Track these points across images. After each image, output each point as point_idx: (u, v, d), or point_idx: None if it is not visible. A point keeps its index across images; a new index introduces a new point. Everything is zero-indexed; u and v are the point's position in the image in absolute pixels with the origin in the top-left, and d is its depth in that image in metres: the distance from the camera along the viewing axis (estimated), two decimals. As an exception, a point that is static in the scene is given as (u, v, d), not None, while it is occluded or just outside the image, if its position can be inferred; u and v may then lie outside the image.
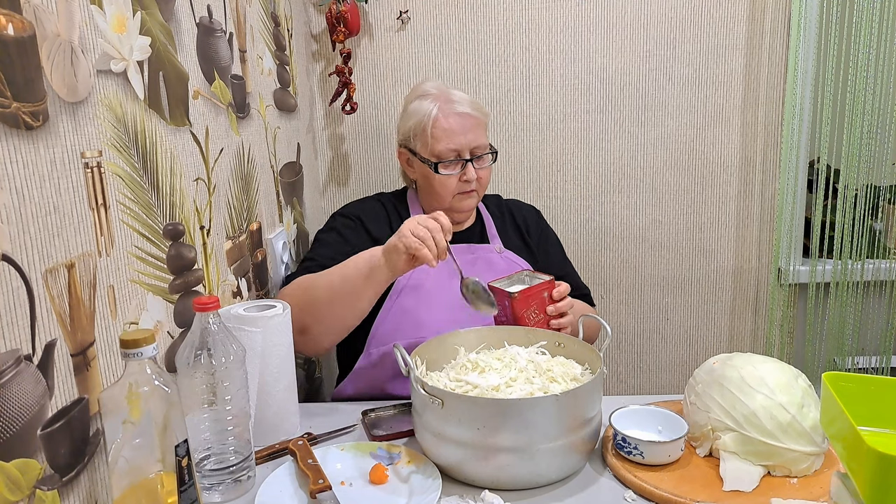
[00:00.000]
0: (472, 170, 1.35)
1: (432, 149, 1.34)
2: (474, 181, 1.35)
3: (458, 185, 1.36)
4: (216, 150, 1.14)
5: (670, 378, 2.02)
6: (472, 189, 1.37)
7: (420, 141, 1.36)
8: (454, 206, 1.38)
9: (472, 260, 1.39)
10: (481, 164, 1.37)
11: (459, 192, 1.36)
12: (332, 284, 1.18)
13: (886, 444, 0.75)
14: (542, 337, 1.11)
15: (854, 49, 1.77)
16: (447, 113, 1.34)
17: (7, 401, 0.62)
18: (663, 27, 1.82)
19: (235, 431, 0.91)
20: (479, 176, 1.36)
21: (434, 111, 1.34)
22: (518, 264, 1.41)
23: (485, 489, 0.89)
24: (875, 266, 1.91)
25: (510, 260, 1.42)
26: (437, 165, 1.34)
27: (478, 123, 1.36)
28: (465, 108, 1.34)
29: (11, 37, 0.64)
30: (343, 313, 1.19)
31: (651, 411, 1.01)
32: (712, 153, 1.89)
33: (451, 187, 1.36)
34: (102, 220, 0.79)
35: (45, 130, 0.69)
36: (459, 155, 1.35)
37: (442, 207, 1.38)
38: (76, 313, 0.73)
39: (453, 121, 1.33)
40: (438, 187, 1.37)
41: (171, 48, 0.99)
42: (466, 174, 1.35)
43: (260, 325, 1.02)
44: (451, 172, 1.35)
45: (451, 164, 1.35)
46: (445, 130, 1.33)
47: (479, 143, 1.36)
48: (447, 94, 1.37)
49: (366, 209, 1.44)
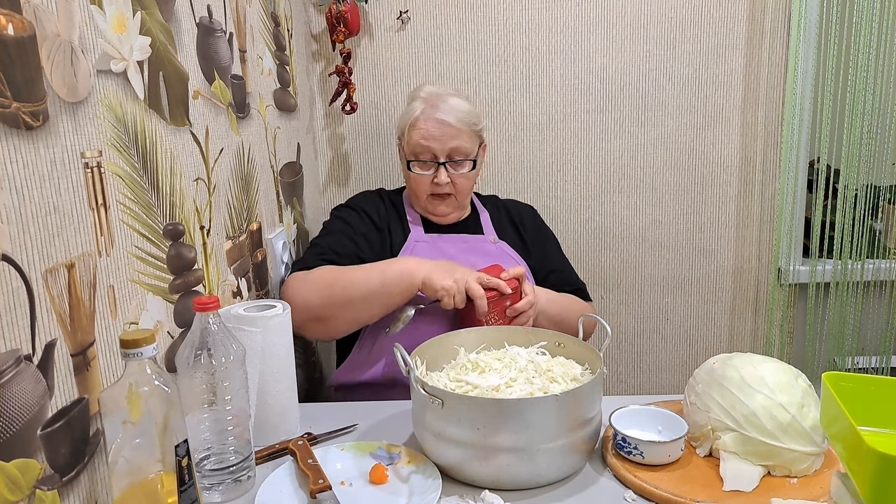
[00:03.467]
0: (443, 173, 1.40)
1: (409, 147, 1.42)
2: (446, 184, 1.40)
3: (431, 187, 1.42)
4: (216, 150, 1.14)
5: (670, 378, 2.02)
6: (446, 192, 1.42)
7: (406, 140, 1.43)
8: (428, 208, 1.45)
9: (466, 248, 1.44)
10: (456, 169, 1.41)
11: (432, 193, 1.43)
12: (361, 286, 1.24)
13: (886, 444, 0.75)
14: (543, 337, 1.11)
15: (854, 49, 1.77)
16: (428, 116, 1.39)
17: (7, 401, 0.62)
18: (663, 27, 1.82)
19: (235, 431, 0.91)
20: (454, 181, 1.41)
21: (417, 113, 1.41)
22: (511, 255, 1.46)
23: (485, 489, 0.89)
24: (875, 266, 1.91)
25: (503, 251, 1.46)
26: (410, 163, 1.42)
27: (458, 132, 1.40)
28: (447, 116, 1.39)
29: (11, 37, 0.64)
30: (369, 314, 1.27)
31: (651, 411, 1.01)
32: (712, 153, 1.89)
33: (423, 186, 1.42)
34: (102, 220, 0.79)
35: (45, 130, 0.69)
36: (434, 157, 1.40)
37: (419, 206, 1.47)
38: (76, 313, 0.73)
39: (432, 125, 1.39)
40: (413, 185, 1.44)
41: (171, 48, 0.99)
42: (438, 177, 1.40)
43: (260, 325, 1.02)
44: (423, 172, 1.41)
45: (425, 164, 1.41)
46: (421, 132, 1.39)
47: (456, 148, 1.40)
48: (437, 98, 1.42)
49: (367, 199, 1.51)
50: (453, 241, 1.45)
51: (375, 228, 1.44)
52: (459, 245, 1.45)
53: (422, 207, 1.46)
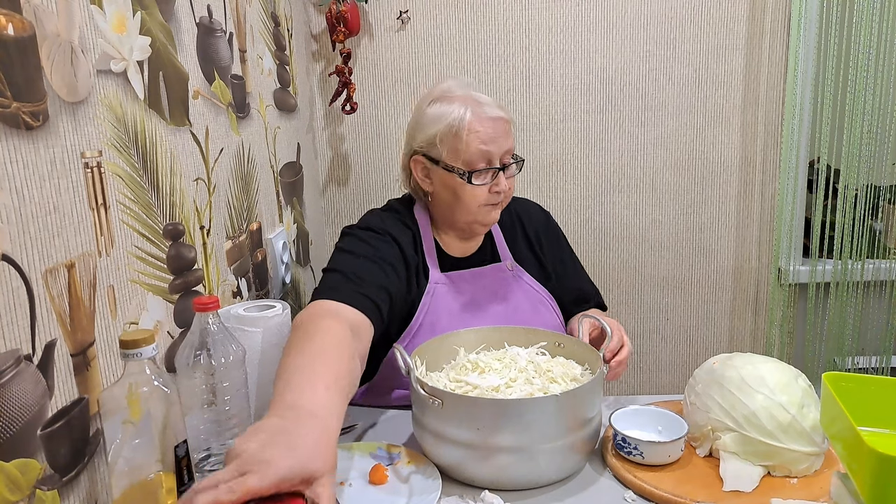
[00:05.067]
0: (503, 180, 1.22)
1: (466, 156, 1.20)
2: (504, 192, 1.24)
3: (487, 197, 1.23)
4: (216, 150, 1.14)
5: (670, 378, 2.02)
6: (500, 200, 1.25)
7: (448, 148, 1.21)
8: (479, 219, 1.25)
9: (485, 286, 1.30)
10: (510, 173, 1.25)
11: (486, 203, 1.23)
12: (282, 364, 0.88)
13: (886, 444, 0.75)
14: (542, 337, 1.11)
15: (854, 49, 1.77)
16: (481, 117, 1.20)
17: (7, 401, 0.62)
18: (663, 27, 1.82)
19: (235, 431, 0.90)
20: (509, 185, 1.25)
21: (467, 115, 1.20)
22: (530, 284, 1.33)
23: (485, 489, 0.89)
24: (875, 266, 1.91)
25: (520, 279, 1.33)
26: (472, 175, 1.20)
27: (508, 127, 1.24)
28: (495, 111, 1.22)
29: (11, 37, 0.64)
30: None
31: (651, 411, 1.01)
32: (712, 153, 1.89)
33: (481, 198, 1.22)
34: (102, 220, 0.79)
35: (45, 130, 0.69)
36: (490, 163, 1.21)
37: (464, 220, 1.26)
38: (76, 313, 0.73)
39: (488, 125, 1.20)
40: (468, 199, 1.22)
41: (171, 48, 0.99)
42: (498, 184, 1.22)
43: (260, 325, 1.02)
44: (484, 182, 1.21)
45: (483, 173, 1.21)
46: (480, 135, 1.19)
47: (510, 148, 1.24)
48: (474, 96, 1.23)
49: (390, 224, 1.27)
50: (471, 280, 1.29)
51: (404, 263, 1.22)
52: (478, 282, 1.29)
53: (470, 221, 1.25)
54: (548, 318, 1.31)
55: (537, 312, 1.31)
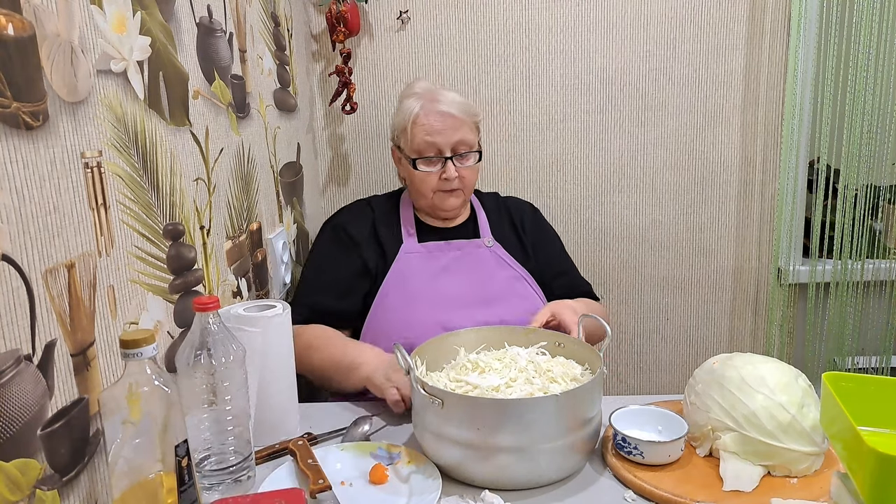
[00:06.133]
0: (451, 168, 1.36)
1: (412, 145, 1.38)
2: (455, 179, 1.37)
3: (439, 183, 1.38)
4: (216, 150, 1.14)
5: (670, 378, 2.02)
6: (455, 188, 1.39)
7: (403, 138, 1.40)
8: (436, 204, 1.41)
9: (459, 257, 1.42)
10: (463, 163, 1.39)
11: (440, 189, 1.39)
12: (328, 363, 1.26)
13: (886, 444, 0.75)
14: (543, 337, 1.11)
15: (854, 49, 1.77)
16: (429, 111, 1.37)
17: (7, 401, 0.62)
18: (663, 27, 1.82)
19: (235, 431, 0.90)
20: (462, 175, 1.38)
21: (416, 109, 1.37)
22: (504, 259, 1.43)
23: (485, 489, 0.89)
24: (875, 266, 1.91)
25: (497, 255, 1.44)
26: (416, 161, 1.37)
27: (461, 123, 1.38)
28: (448, 107, 1.36)
29: (11, 37, 0.64)
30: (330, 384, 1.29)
31: (651, 411, 1.01)
32: (712, 153, 1.89)
33: (430, 184, 1.38)
34: (102, 220, 0.79)
35: (45, 130, 0.69)
36: (440, 152, 1.37)
37: (425, 204, 1.43)
38: (76, 313, 0.73)
39: (434, 119, 1.36)
40: (419, 184, 1.39)
41: (171, 48, 0.99)
42: (446, 172, 1.37)
43: (260, 325, 1.02)
44: (430, 169, 1.38)
45: (431, 160, 1.37)
46: (424, 127, 1.36)
47: (461, 141, 1.38)
48: (433, 93, 1.39)
49: (352, 212, 1.49)
50: (447, 250, 1.42)
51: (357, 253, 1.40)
52: (453, 253, 1.42)
53: (429, 205, 1.42)
54: (521, 290, 1.41)
55: (511, 285, 1.41)
